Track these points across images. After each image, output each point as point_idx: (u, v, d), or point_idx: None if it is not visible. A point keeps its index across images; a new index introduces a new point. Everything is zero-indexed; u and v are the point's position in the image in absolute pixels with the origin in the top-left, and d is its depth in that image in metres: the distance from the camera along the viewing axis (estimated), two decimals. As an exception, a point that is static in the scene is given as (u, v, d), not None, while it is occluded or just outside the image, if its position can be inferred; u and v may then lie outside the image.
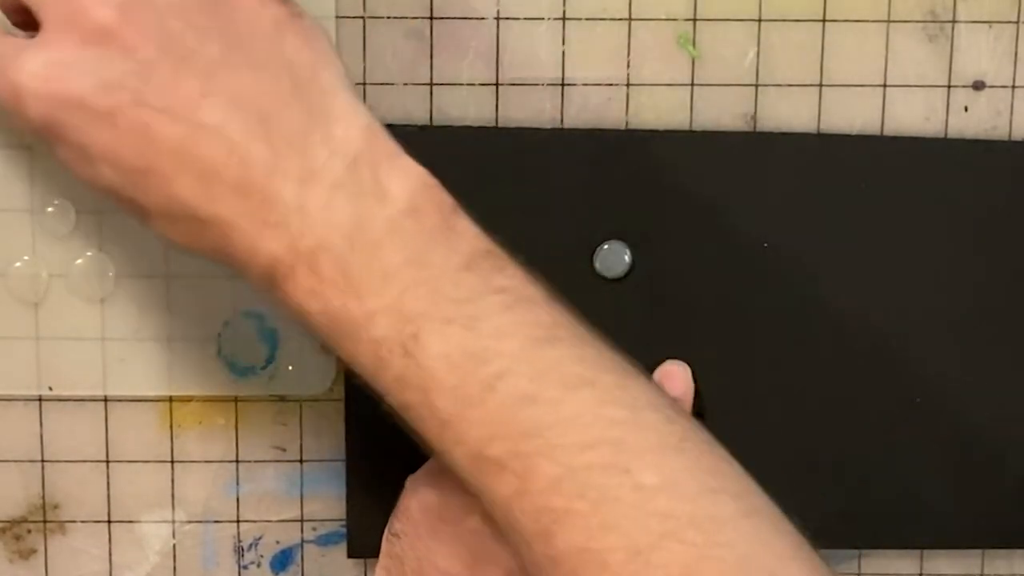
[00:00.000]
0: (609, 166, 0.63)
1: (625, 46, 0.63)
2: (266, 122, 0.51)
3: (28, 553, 0.66)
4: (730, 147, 0.63)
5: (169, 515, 0.66)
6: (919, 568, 0.68)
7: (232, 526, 0.66)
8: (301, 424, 0.65)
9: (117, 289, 0.63)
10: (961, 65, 0.63)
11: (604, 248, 0.63)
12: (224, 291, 0.63)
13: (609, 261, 0.63)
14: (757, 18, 0.63)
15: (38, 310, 0.63)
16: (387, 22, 0.62)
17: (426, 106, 0.63)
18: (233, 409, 0.65)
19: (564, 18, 0.62)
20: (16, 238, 0.63)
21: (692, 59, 0.63)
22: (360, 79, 0.62)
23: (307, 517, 0.66)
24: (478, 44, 0.62)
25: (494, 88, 0.63)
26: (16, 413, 0.64)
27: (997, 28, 0.63)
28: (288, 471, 0.66)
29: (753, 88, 0.63)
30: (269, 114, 0.51)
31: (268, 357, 0.64)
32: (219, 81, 0.51)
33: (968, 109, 0.64)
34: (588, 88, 0.63)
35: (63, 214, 0.63)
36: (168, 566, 0.66)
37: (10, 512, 0.65)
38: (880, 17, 0.63)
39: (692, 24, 0.63)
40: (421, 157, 0.62)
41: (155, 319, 0.64)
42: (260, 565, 0.66)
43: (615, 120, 0.63)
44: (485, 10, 0.62)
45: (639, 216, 0.63)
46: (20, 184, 0.62)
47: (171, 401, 0.65)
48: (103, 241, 0.63)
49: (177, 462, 0.65)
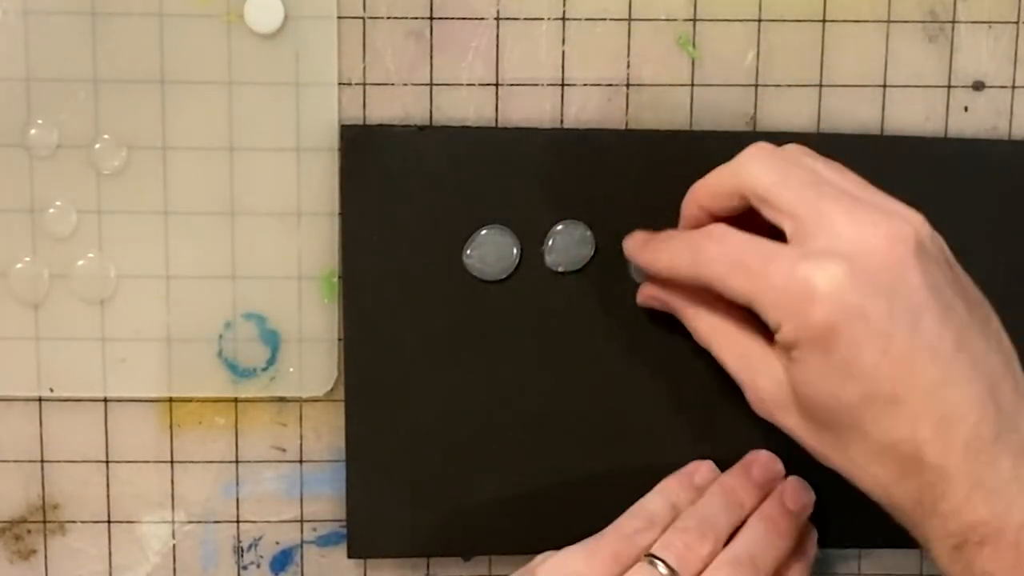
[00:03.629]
0: (609, 166, 0.63)
1: (625, 46, 0.63)
2: (993, 389, 0.53)
3: (28, 553, 0.66)
4: (730, 147, 0.63)
5: (169, 515, 0.66)
6: (919, 568, 0.68)
7: (232, 526, 0.66)
8: (301, 424, 0.65)
9: (117, 290, 0.63)
10: (961, 65, 0.63)
11: (604, 248, 0.63)
12: (224, 292, 0.63)
13: (609, 261, 0.63)
14: (757, 18, 0.63)
15: (39, 311, 0.63)
16: (387, 22, 0.62)
17: (426, 106, 0.63)
18: (233, 409, 0.65)
19: (564, 18, 0.62)
20: (17, 239, 0.63)
21: (692, 59, 0.63)
22: (360, 79, 0.62)
23: (307, 517, 0.66)
24: (478, 44, 0.62)
25: (494, 88, 0.63)
26: (16, 413, 0.65)
27: (997, 28, 0.63)
28: (288, 471, 0.66)
29: (753, 88, 0.63)
30: (995, 381, 0.53)
31: (269, 359, 0.64)
32: (966, 339, 0.53)
33: (968, 109, 0.64)
34: (588, 88, 0.63)
35: (64, 215, 0.63)
36: (168, 566, 0.66)
37: (10, 512, 0.65)
38: (880, 17, 0.63)
39: (692, 24, 0.63)
40: (421, 157, 0.62)
41: (155, 320, 0.64)
42: (260, 566, 0.66)
43: (615, 120, 0.63)
44: (485, 10, 0.62)
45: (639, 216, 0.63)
46: (20, 184, 0.62)
47: (171, 401, 0.65)
48: (104, 242, 0.63)
49: (177, 462, 0.65)
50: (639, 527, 0.59)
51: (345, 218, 0.62)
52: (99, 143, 0.62)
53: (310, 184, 0.63)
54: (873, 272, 0.52)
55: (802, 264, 0.53)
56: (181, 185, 0.63)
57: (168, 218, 0.63)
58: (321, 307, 0.64)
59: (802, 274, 0.53)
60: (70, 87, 0.61)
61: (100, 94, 0.62)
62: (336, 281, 0.64)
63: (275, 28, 0.61)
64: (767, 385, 0.57)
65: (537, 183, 0.63)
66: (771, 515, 0.61)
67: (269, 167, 0.63)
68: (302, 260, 0.63)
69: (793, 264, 0.53)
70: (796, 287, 0.53)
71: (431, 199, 0.62)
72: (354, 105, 0.63)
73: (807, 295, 0.53)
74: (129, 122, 0.62)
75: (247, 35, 0.62)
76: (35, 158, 0.62)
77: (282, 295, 0.64)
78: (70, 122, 0.62)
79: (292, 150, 0.62)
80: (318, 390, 0.65)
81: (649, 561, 0.57)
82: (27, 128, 0.62)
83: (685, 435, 0.64)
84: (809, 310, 0.53)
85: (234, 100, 0.62)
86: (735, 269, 0.55)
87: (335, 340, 0.64)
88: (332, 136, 0.62)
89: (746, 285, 0.55)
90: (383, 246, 0.62)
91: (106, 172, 0.62)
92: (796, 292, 0.53)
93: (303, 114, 0.62)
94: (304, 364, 0.64)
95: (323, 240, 0.63)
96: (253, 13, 0.61)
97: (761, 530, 0.60)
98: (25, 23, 0.61)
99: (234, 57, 0.62)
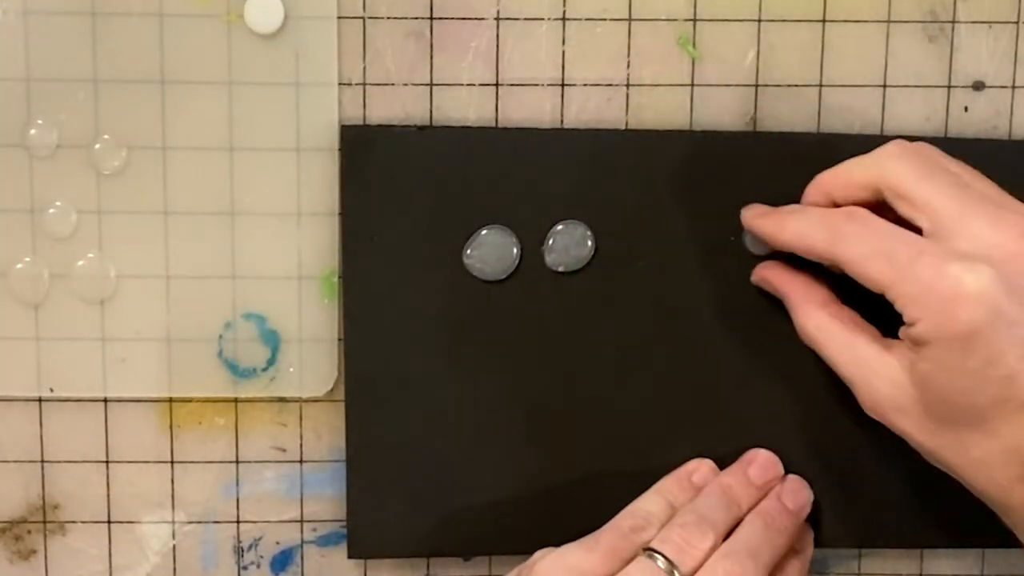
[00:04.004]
0: (609, 166, 0.63)
1: (625, 46, 0.63)
2: None
3: (28, 553, 0.66)
4: (730, 147, 0.63)
5: (169, 515, 0.66)
6: (919, 568, 0.68)
7: (232, 527, 0.66)
8: (301, 425, 0.65)
9: (118, 290, 0.63)
10: (961, 65, 0.63)
11: (604, 248, 0.63)
12: (224, 292, 0.63)
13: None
14: (757, 18, 0.63)
15: (39, 311, 0.63)
16: (387, 22, 0.62)
17: (426, 106, 0.63)
18: (233, 409, 0.65)
19: (564, 18, 0.62)
20: (17, 239, 0.63)
21: (692, 59, 0.63)
22: (360, 79, 0.62)
23: (307, 518, 0.66)
24: (478, 44, 0.62)
25: (494, 88, 0.63)
26: (16, 414, 0.65)
27: (997, 28, 0.63)
28: (288, 471, 0.66)
29: (753, 88, 0.63)
30: None
31: (269, 359, 0.64)
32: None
33: (968, 109, 0.64)
34: (588, 88, 0.63)
35: (64, 215, 0.63)
36: (168, 567, 0.66)
37: (10, 512, 0.65)
38: (880, 17, 0.63)
39: (692, 24, 0.63)
40: (421, 157, 0.62)
41: (155, 320, 0.64)
42: (260, 566, 0.66)
43: (615, 120, 0.63)
44: (485, 10, 0.62)
45: (639, 216, 0.63)
46: (20, 184, 0.62)
47: (171, 402, 0.65)
48: (104, 242, 0.63)
49: (177, 462, 0.65)
50: (637, 525, 0.60)
51: (345, 218, 0.62)
52: (99, 143, 0.62)
53: (310, 184, 0.63)
54: (1019, 277, 0.53)
55: (952, 263, 0.53)
56: (181, 185, 0.63)
57: (168, 218, 0.63)
58: (321, 307, 0.64)
59: (952, 273, 0.53)
60: (70, 87, 0.61)
61: (100, 94, 0.62)
62: (336, 281, 0.64)
63: (275, 28, 0.61)
64: (882, 386, 0.56)
65: (537, 183, 0.63)
66: (770, 512, 0.61)
67: (269, 167, 0.63)
68: (302, 260, 0.63)
69: (942, 261, 0.53)
70: (944, 285, 0.53)
71: (431, 199, 0.62)
72: (354, 105, 0.63)
73: (955, 295, 0.52)
74: (129, 122, 0.62)
75: (247, 35, 0.62)
76: (35, 158, 0.62)
77: (282, 295, 0.64)
78: (70, 122, 0.62)
79: (292, 150, 0.62)
80: (318, 390, 0.65)
81: (648, 555, 0.57)
82: (27, 128, 0.62)
83: (685, 435, 0.64)
84: (955, 310, 0.52)
85: (234, 100, 0.62)
86: (877, 256, 0.55)
87: (335, 340, 0.64)
88: (332, 136, 0.62)
89: (887, 274, 0.54)
90: (383, 246, 0.62)
91: (106, 172, 0.62)
92: (943, 290, 0.53)
93: (303, 114, 0.62)
94: (304, 364, 0.64)
95: (323, 240, 0.63)
96: (253, 13, 0.61)
97: (760, 526, 0.60)
98: (25, 23, 0.61)
99: (234, 57, 0.62)
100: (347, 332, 0.63)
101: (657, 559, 0.57)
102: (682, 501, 0.61)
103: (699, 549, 0.58)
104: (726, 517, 0.60)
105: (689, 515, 0.59)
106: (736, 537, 0.60)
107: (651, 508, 0.61)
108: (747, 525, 0.60)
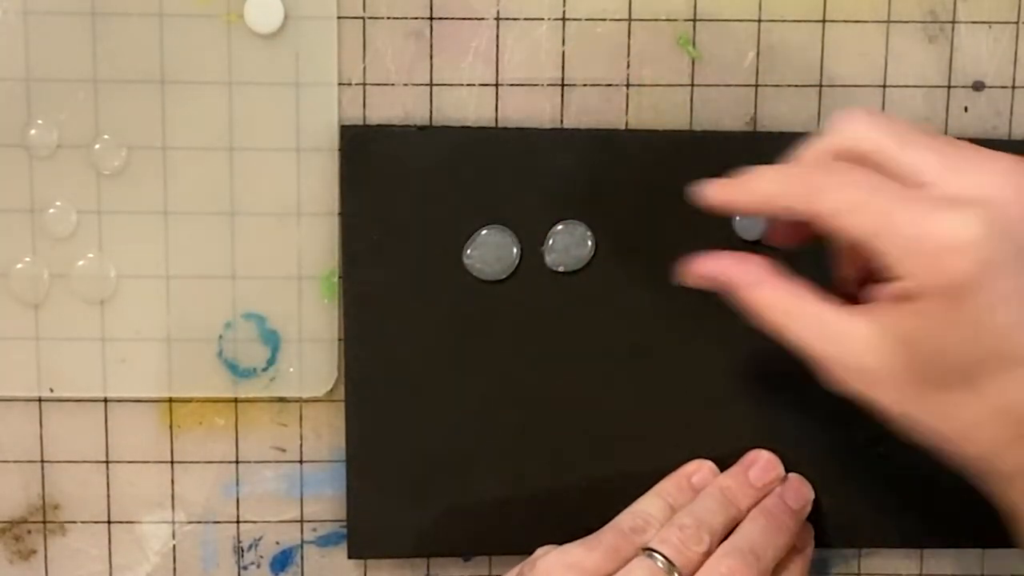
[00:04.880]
0: (609, 166, 0.63)
1: (625, 46, 0.63)
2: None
3: (28, 554, 0.66)
4: (730, 147, 0.63)
5: (169, 516, 0.66)
6: (919, 568, 0.68)
7: (232, 527, 0.66)
8: (301, 425, 0.65)
9: (117, 290, 0.63)
10: (961, 65, 0.63)
11: (604, 248, 0.63)
12: (224, 292, 0.63)
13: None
14: (757, 18, 0.63)
15: (39, 311, 0.63)
16: (387, 22, 0.62)
17: (426, 106, 0.63)
18: (233, 410, 0.65)
19: (564, 18, 0.62)
20: (17, 239, 0.63)
21: (692, 59, 0.63)
22: (360, 79, 0.62)
23: (307, 518, 0.66)
24: (478, 44, 0.62)
25: (494, 88, 0.63)
26: (16, 414, 0.65)
27: (997, 28, 0.63)
28: (288, 471, 0.66)
29: (753, 88, 0.63)
30: None
31: (269, 359, 0.64)
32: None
33: (968, 109, 0.64)
34: (588, 88, 0.63)
35: (64, 215, 0.63)
36: (168, 567, 0.66)
37: (10, 512, 0.65)
38: (880, 17, 0.63)
39: (692, 24, 0.63)
40: (421, 157, 0.62)
41: (155, 320, 0.64)
42: (260, 566, 0.66)
43: (615, 120, 0.63)
44: (485, 10, 0.62)
45: (639, 216, 0.63)
46: (20, 184, 0.62)
47: (171, 402, 0.65)
48: (104, 242, 0.63)
49: (177, 462, 0.65)
50: (637, 526, 0.60)
51: (345, 218, 0.62)
52: (99, 143, 0.62)
53: (310, 184, 0.63)
54: (1011, 225, 0.50)
55: (941, 210, 0.50)
56: (181, 185, 0.63)
57: (168, 218, 0.63)
58: (321, 307, 0.64)
59: (942, 220, 0.49)
60: (70, 87, 0.61)
61: (100, 94, 0.62)
62: (336, 281, 0.64)
63: (275, 28, 0.61)
64: (857, 355, 0.53)
65: (537, 183, 0.63)
66: (772, 510, 0.61)
67: (269, 167, 0.63)
68: (302, 260, 0.63)
69: (931, 208, 0.50)
70: (933, 235, 0.50)
71: (431, 199, 0.62)
72: (354, 105, 0.63)
73: (945, 244, 0.49)
74: (129, 122, 0.62)
75: (247, 35, 0.62)
76: (35, 158, 0.62)
77: (282, 295, 0.64)
78: (70, 122, 0.62)
79: (292, 150, 0.62)
80: (318, 390, 0.65)
81: (647, 554, 0.58)
82: (27, 128, 0.62)
83: (685, 435, 0.64)
84: (946, 261, 0.49)
85: (234, 100, 0.62)
86: (860, 207, 0.51)
87: (335, 340, 0.64)
88: (332, 136, 0.62)
89: (870, 224, 0.51)
90: (383, 246, 0.62)
91: (106, 172, 0.62)
92: (932, 239, 0.50)
93: (303, 114, 0.62)
94: (304, 364, 0.64)
95: (323, 240, 0.63)
96: (253, 13, 0.61)
97: (762, 523, 0.60)
98: (25, 23, 0.61)
99: (234, 57, 0.62)
100: (347, 332, 0.63)
101: (656, 559, 0.57)
102: (681, 503, 0.61)
103: (698, 550, 0.58)
104: (723, 519, 0.60)
105: (688, 517, 0.59)
106: (739, 534, 0.60)
107: (651, 510, 0.61)
108: (750, 523, 0.60)
